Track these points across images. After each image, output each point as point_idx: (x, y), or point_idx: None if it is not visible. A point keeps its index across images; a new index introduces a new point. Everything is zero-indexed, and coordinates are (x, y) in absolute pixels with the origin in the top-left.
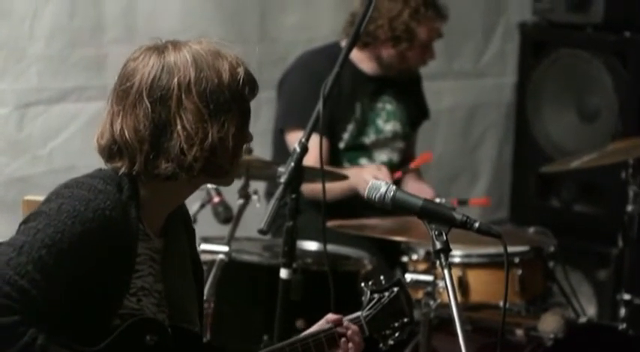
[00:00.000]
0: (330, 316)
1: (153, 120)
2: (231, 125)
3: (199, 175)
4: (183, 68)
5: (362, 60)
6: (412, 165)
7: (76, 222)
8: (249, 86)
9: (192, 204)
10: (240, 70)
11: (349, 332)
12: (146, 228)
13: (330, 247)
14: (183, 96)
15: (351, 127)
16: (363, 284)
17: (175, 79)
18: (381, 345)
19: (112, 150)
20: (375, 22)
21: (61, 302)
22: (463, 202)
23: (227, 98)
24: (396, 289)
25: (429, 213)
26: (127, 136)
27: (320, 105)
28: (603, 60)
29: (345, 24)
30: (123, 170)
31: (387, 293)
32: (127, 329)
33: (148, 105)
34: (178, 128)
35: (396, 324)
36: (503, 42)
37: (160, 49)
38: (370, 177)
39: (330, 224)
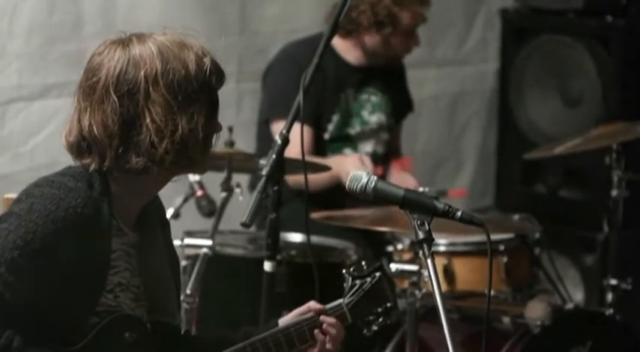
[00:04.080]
0: (313, 304)
1: (121, 115)
2: (200, 115)
3: (171, 167)
4: (149, 60)
5: (346, 50)
6: (394, 165)
7: (48, 221)
8: (216, 75)
9: (176, 198)
10: (207, 60)
11: (324, 326)
12: (120, 223)
13: (315, 238)
14: (150, 88)
15: (336, 118)
16: (344, 271)
17: (142, 72)
18: (364, 331)
19: (80, 146)
20: (357, 9)
21: (37, 303)
22: (442, 192)
23: (195, 89)
24: (377, 274)
25: (411, 203)
26: (96, 132)
27: (300, 97)
28: (585, 45)
29: (327, 14)
30: (93, 166)
31: (368, 279)
32: (106, 326)
33: (116, 100)
34: (147, 121)
35: (379, 310)
36: (485, 29)
37: (124, 43)
38: (353, 167)
39: (315, 215)
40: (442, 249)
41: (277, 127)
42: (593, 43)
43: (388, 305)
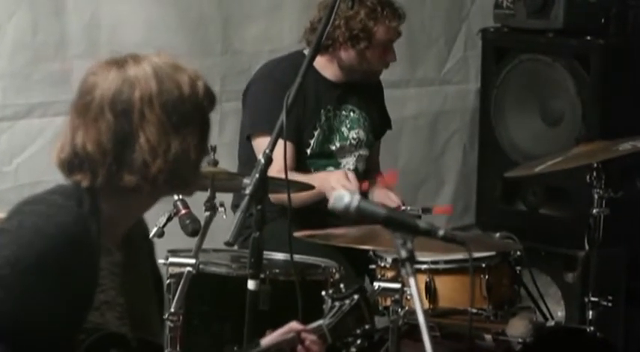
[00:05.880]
0: (294, 325)
1: (115, 133)
2: (192, 137)
3: (163, 187)
4: (145, 81)
5: (324, 66)
6: (380, 183)
7: (38, 238)
8: (208, 98)
9: (160, 217)
10: (200, 83)
11: (306, 343)
12: (107, 242)
13: (299, 257)
14: (145, 109)
15: (317, 133)
16: (323, 293)
17: (137, 93)
18: None
19: (72, 163)
20: (332, 24)
21: (26, 319)
22: (426, 210)
23: (188, 110)
24: (356, 296)
25: (394, 223)
26: (89, 149)
27: (283, 116)
28: (565, 64)
29: (304, 31)
30: (84, 183)
31: (347, 301)
32: (92, 343)
33: (111, 119)
34: (141, 140)
35: (358, 331)
36: (466, 48)
37: (119, 63)
38: (337, 183)
39: (298, 234)
40: (424, 266)
41: (259, 143)
42: (573, 63)
43: (367, 326)
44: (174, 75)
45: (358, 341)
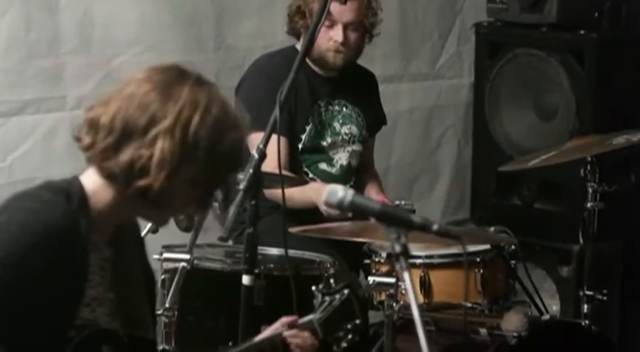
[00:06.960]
0: (285, 319)
1: (127, 121)
2: (191, 187)
3: (133, 196)
4: (192, 107)
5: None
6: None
7: (27, 233)
8: (235, 162)
9: None
10: (240, 146)
11: (298, 340)
12: (95, 238)
13: (293, 252)
14: (176, 128)
15: (309, 128)
16: (314, 288)
17: (180, 111)
18: (334, 348)
19: (88, 125)
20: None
21: (16, 316)
22: None
23: (213, 163)
24: (346, 291)
25: (388, 217)
26: (102, 120)
27: (277, 112)
28: (559, 58)
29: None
30: (82, 145)
31: (337, 296)
32: (83, 340)
33: (136, 108)
34: (144, 145)
35: (349, 326)
36: (459, 43)
37: (202, 82)
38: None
39: (293, 229)
40: (419, 261)
41: (251, 138)
42: (567, 57)
43: (357, 322)
44: (228, 131)
45: (349, 337)
